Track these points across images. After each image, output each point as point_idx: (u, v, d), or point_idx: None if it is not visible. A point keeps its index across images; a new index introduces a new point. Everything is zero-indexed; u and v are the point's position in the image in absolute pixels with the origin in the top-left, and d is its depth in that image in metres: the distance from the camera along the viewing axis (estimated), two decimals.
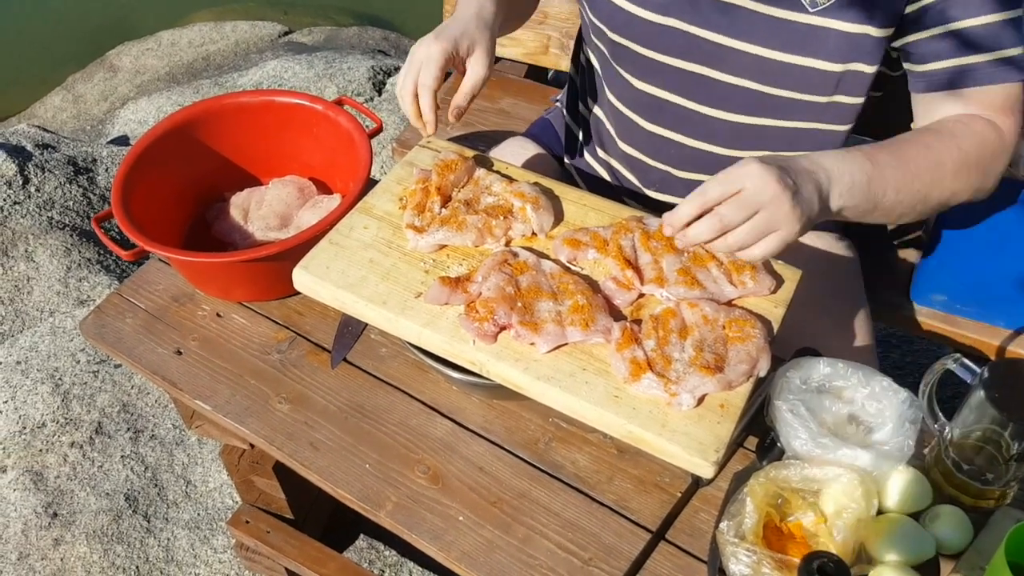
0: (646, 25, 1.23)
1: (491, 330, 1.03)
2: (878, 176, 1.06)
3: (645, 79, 1.29)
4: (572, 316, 1.04)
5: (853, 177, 1.05)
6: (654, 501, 1.09)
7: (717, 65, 1.21)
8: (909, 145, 1.10)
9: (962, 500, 1.04)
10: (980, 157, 1.11)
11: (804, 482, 0.99)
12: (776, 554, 0.93)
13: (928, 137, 1.12)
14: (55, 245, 2.55)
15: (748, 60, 1.19)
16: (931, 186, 1.10)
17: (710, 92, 1.24)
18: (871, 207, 1.08)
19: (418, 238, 1.13)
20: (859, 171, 1.05)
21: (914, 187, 1.09)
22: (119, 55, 4.03)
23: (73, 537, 1.93)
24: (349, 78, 3.31)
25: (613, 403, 0.99)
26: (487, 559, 1.05)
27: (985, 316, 1.55)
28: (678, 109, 1.28)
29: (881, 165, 1.06)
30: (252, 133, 1.49)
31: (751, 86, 1.21)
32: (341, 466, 1.14)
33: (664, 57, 1.24)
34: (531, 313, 1.05)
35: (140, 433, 2.12)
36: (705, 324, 1.05)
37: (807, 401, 1.03)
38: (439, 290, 1.07)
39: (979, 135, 1.11)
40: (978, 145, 1.11)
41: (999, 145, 1.13)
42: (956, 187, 1.12)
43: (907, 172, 1.08)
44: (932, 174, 1.09)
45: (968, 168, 1.11)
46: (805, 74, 1.17)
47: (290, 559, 1.62)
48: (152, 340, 1.31)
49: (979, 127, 1.12)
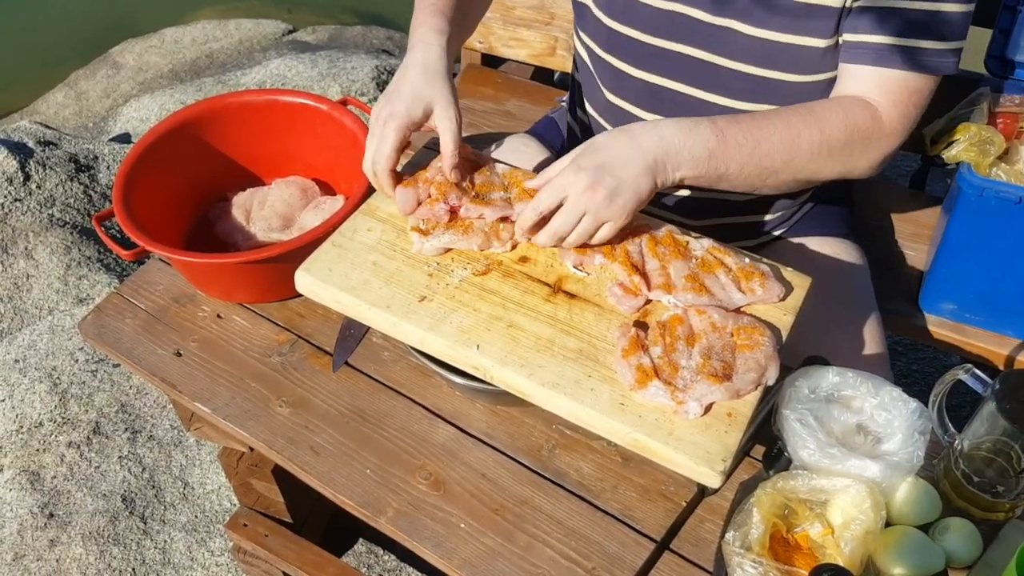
0: (646, 10, 1.23)
1: (442, 210, 1.10)
2: (721, 151, 1.07)
3: (643, 67, 1.28)
4: (521, 196, 1.14)
5: (693, 152, 1.06)
6: (659, 510, 1.08)
7: (717, 49, 1.21)
8: (769, 122, 1.10)
9: (972, 512, 1.02)
10: (847, 143, 1.12)
11: (811, 493, 0.98)
12: (783, 566, 0.92)
13: (793, 116, 1.12)
14: (55, 243, 2.54)
15: (748, 43, 1.18)
16: (783, 164, 1.11)
17: (710, 78, 1.24)
18: (714, 178, 1.10)
19: (423, 241, 1.12)
20: (701, 146, 1.06)
21: (762, 164, 1.10)
22: (122, 52, 4.02)
23: (69, 538, 1.92)
24: (353, 77, 3.30)
25: (619, 411, 0.98)
26: (488, 567, 1.03)
27: (994, 325, 1.53)
28: (677, 96, 1.28)
29: (728, 141, 1.07)
30: (255, 133, 1.48)
31: (751, 70, 1.21)
32: (342, 471, 1.13)
33: (665, 42, 1.24)
34: (483, 198, 1.14)
35: (138, 434, 2.10)
36: (713, 331, 1.04)
37: (815, 410, 1.01)
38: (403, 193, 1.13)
39: (852, 120, 1.12)
40: (847, 130, 1.11)
41: (874, 133, 1.13)
42: (814, 167, 1.13)
43: (756, 149, 1.09)
44: (785, 153, 1.10)
45: (829, 151, 1.12)
46: (801, 53, 1.17)
47: (288, 563, 1.60)
48: (151, 341, 1.29)
49: (856, 112, 1.12)
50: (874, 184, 1.79)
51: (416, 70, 1.14)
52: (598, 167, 1.04)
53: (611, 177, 1.04)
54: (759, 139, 1.09)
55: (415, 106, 1.12)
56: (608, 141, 1.07)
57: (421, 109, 1.12)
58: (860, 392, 1.03)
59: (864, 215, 1.70)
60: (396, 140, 1.12)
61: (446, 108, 1.13)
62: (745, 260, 1.11)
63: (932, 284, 1.54)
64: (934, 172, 1.79)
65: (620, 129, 1.08)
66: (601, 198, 1.04)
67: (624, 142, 1.06)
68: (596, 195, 1.03)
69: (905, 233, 1.71)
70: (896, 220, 1.73)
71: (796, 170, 1.12)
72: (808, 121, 1.11)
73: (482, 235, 1.12)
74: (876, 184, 1.80)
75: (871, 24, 1.11)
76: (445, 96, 1.13)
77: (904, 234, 1.71)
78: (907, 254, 1.67)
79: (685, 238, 1.13)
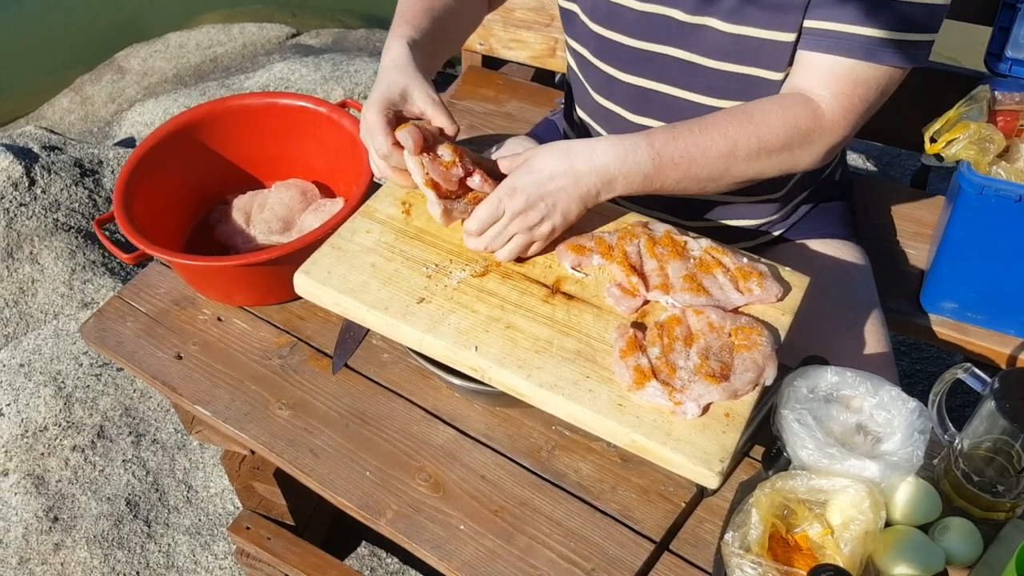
0: (628, 13, 1.23)
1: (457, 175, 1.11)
2: (656, 173, 1.10)
3: (630, 70, 1.28)
4: None
5: (628, 179, 1.09)
6: (658, 511, 1.08)
7: (696, 48, 1.21)
8: (707, 135, 1.11)
9: (972, 512, 1.02)
10: (786, 144, 1.12)
11: (811, 493, 0.97)
12: (782, 566, 0.91)
13: (731, 125, 1.12)
14: (60, 247, 2.55)
15: (724, 40, 1.18)
16: (720, 173, 1.13)
17: (693, 78, 1.24)
18: (649, 192, 1.13)
19: (437, 204, 1.11)
20: (637, 171, 1.09)
21: (699, 176, 1.12)
22: (127, 57, 4.03)
23: (74, 542, 1.92)
24: (356, 80, 3.30)
25: (617, 411, 0.97)
26: (488, 569, 1.03)
27: (996, 324, 1.53)
28: (664, 98, 1.28)
29: (664, 163, 1.09)
30: (255, 136, 1.48)
31: (730, 68, 1.20)
32: (341, 473, 1.13)
33: (649, 45, 1.24)
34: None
35: (142, 437, 2.11)
36: (711, 331, 1.03)
37: (814, 410, 1.01)
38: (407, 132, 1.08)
39: (791, 121, 1.12)
40: (786, 132, 1.11)
41: (815, 130, 1.12)
42: (753, 171, 1.14)
43: (691, 166, 1.10)
44: (722, 164, 1.12)
45: (768, 154, 1.12)
46: (776, 48, 1.16)
47: (291, 566, 1.61)
48: (152, 344, 1.30)
49: (797, 111, 1.12)
50: (875, 183, 1.79)
51: (385, 69, 1.16)
52: (533, 192, 1.08)
53: (544, 203, 1.08)
54: (695, 156, 1.10)
55: (390, 90, 1.12)
56: (545, 163, 1.09)
57: (397, 92, 1.12)
58: (859, 392, 1.03)
59: (865, 214, 1.70)
60: (382, 124, 1.09)
61: (425, 91, 1.12)
62: (743, 260, 1.11)
63: (933, 283, 1.54)
64: (935, 171, 1.78)
65: (559, 149, 1.10)
66: (531, 221, 1.08)
67: (560, 167, 1.08)
68: (527, 219, 1.08)
69: (906, 232, 1.71)
70: (897, 219, 1.73)
71: (734, 176, 1.14)
72: (746, 128, 1.11)
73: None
74: (877, 183, 1.80)
75: (828, 11, 1.10)
76: (417, 78, 1.13)
77: (905, 233, 1.71)
78: (908, 253, 1.67)
79: (683, 238, 1.13)
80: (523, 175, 1.09)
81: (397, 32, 1.19)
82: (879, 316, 1.37)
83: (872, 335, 1.34)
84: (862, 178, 1.81)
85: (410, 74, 1.13)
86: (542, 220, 1.09)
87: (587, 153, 1.09)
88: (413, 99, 1.12)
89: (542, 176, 1.08)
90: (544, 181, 1.08)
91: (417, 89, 1.12)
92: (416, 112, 1.13)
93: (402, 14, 1.23)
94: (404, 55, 1.15)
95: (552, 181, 1.08)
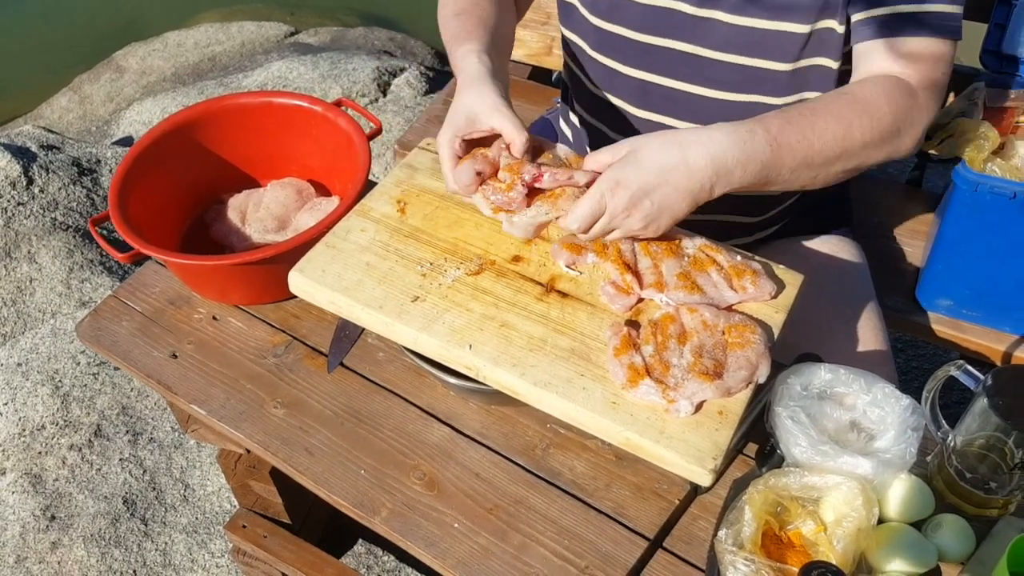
0: (633, 7, 1.22)
1: (520, 193, 1.06)
2: (774, 161, 1.03)
3: (634, 64, 1.28)
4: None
5: (746, 169, 1.02)
6: (652, 508, 1.08)
7: (702, 41, 1.21)
8: (821, 118, 1.07)
9: (965, 509, 1.02)
10: (894, 125, 1.09)
11: (804, 490, 0.97)
12: (775, 563, 0.92)
13: (842, 107, 1.08)
14: (58, 246, 2.55)
15: (731, 32, 1.18)
16: (835, 158, 1.08)
17: (697, 71, 1.24)
18: (764, 184, 1.06)
19: (510, 219, 1.09)
20: (756, 160, 1.02)
21: (814, 163, 1.06)
22: (126, 56, 4.03)
23: (71, 540, 1.93)
24: (354, 79, 3.30)
25: (610, 409, 0.98)
26: (482, 567, 1.04)
27: (991, 321, 1.53)
28: (667, 91, 1.27)
29: (782, 149, 1.03)
30: (251, 135, 1.48)
31: (736, 60, 1.20)
32: (336, 472, 1.13)
33: (653, 38, 1.24)
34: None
35: (139, 436, 2.11)
36: (704, 329, 1.04)
37: (808, 408, 1.01)
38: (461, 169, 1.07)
39: (894, 101, 1.09)
40: (893, 112, 1.08)
41: (913, 108, 1.10)
42: (864, 156, 1.10)
43: (809, 149, 1.05)
44: (838, 148, 1.07)
45: (881, 137, 1.08)
46: (783, 40, 1.16)
47: (287, 564, 1.61)
48: (148, 343, 1.30)
49: (895, 91, 1.09)
50: (871, 181, 1.79)
51: (461, 87, 1.12)
52: (640, 188, 1.00)
53: (651, 202, 1.01)
54: (811, 140, 1.05)
55: (455, 118, 1.09)
56: (655, 156, 1.01)
57: (463, 117, 1.09)
58: (853, 389, 1.03)
59: (861, 212, 1.70)
60: (449, 154, 1.08)
61: (496, 107, 1.08)
62: (737, 258, 1.11)
63: (929, 280, 1.54)
64: (931, 168, 1.78)
65: (668, 141, 1.02)
66: (636, 221, 1.02)
67: (671, 159, 1.01)
68: (632, 218, 1.02)
69: (902, 229, 1.71)
70: (893, 216, 1.73)
71: (847, 162, 1.09)
72: (855, 109, 1.07)
73: (574, 199, 1.06)
74: (873, 181, 1.80)
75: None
76: (492, 99, 1.09)
77: (901, 230, 1.71)
78: (905, 250, 1.67)
79: (677, 236, 1.13)
80: (629, 167, 1.01)
81: (463, 49, 1.15)
82: (877, 313, 1.37)
83: (870, 331, 1.34)
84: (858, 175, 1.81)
85: (482, 89, 1.09)
86: (646, 224, 1.03)
87: (702, 142, 1.01)
88: (480, 118, 1.09)
89: (650, 170, 1.01)
90: (652, 176, 1.00)
91: (485, 105, 1.08)
92: (486, 129, 1.09)
93: (457, 33, 1.19)
94: (474, 67, 1.11)
95: (661, 176, 1.00)
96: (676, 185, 1.01)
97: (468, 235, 1.16)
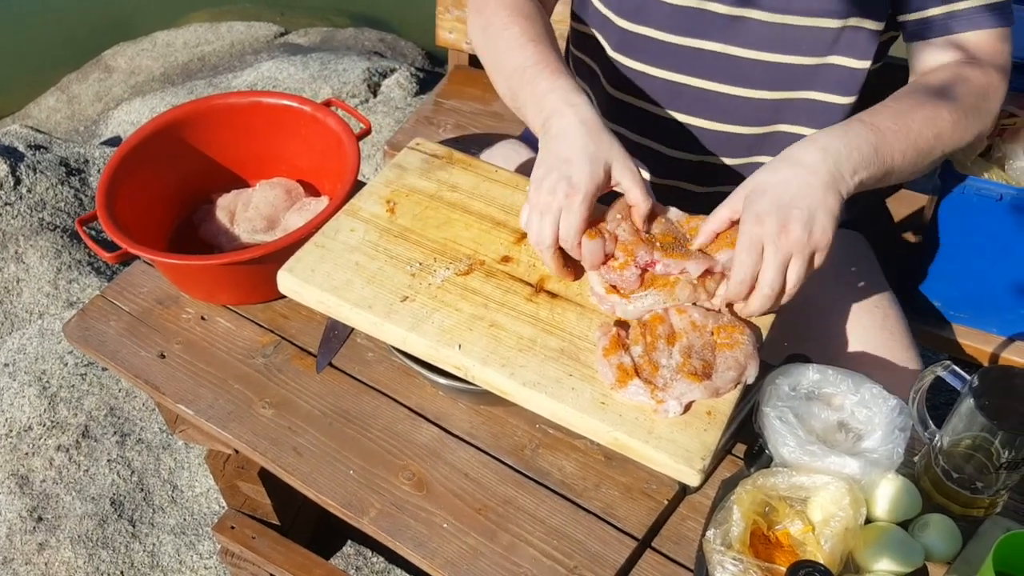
0: (662, 8, 1.22)
1: (634, 274, 1.04)
2: (882, 143, 1.03)
3: (662, 64, 1.27)
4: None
5: (860, 151, 1.02)
6: (641, 508, 1.08)
7: (735, 40, 1.21)
8: (906, 105, 1.09)
9: (952, 509, 1.03)
10: (976, 104, 1.11)
11: (792, 490, 0.98)
12: (763, 563, 0.92)
13: (923, 94, 1.10)
14: (45, 247, 2.54)
15: (765, 30, 1.19)
16: (933, 142, 1.08)
17: (728, 69, 1.24)
18: (883, 174, 1.06)
19: (625, 303, 1.06)
20: (864, 142, 1.02)
21: (918, 145, 1.07)
22: (114, 55, 4.01)
23: (58, 542, 1.92)
24: (344, 79, 3.30)
25: (599, 410, 0.98)
26: (471, 567, 1.04)
27: (979, 322, 1.54)
28: (697, 92, 1.27)
29: (884, 131, 1.04)
30: (240, 134, 1.48)
31: (768, 58, 1.21)
32: (324, 472, 1.13)
33: (682, 39, 1.24)
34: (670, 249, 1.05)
35: (127, 437, 2.10)
36: (693, 330, 1.04)
37: (796, 408, 1.02)
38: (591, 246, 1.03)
39: (971, 82, 1.12)
40: (972, 92, 1.11)
41: (990, 87, 1.13)
42: (956, 137, 1.11)
43: (910, 133, 1.06)
44: (933, 130, 1.08)
45: (967, 117, 1.10)
46: (816, 36, 1.17)
47: (276, 565, 1.60)
48: (135, 343, 1.29)
49: (970, 73, 1.12)
50: None
51: (577, 132, 1.04)
52: (780, 206, 0.98)
53: (798, 209, 0.98)
54: (906, 122, 1.06)
55: (596, 169, 1.02)
56: (771, 177, 1.01)
57: (602, 171, 1.03)
58: (840, 389, 1.04)
59: None
60: (586, 213, 1.02)
61: (625, 162, 1.04)
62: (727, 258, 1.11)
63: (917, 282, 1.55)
64: None
65: (773, 163, 1.02)
66: (799, 234, 0.97)
67: (788, 170, 1.00)
68: (792, 233, 0.97)
69: (894, 231, 1.72)
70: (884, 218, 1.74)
71: (944, 144, 1.09)
72: (939, 94, 1.09)
73: (689, 288, 1.05)
74: None
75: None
76: (620, 152, 1.05)
77: (893, 232, 1.71)
78: (895, 253, 1.68)
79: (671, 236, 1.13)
80: (757, 200, 1.00)
81: (560, 85, 1.08)
82: (895, 304, 1.34)
83: (893, 322, 1.31)
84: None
85: (607, 142, 1.05)
86: (808, 228, 0.98)
87: (802, 145, 1.02)
88: (616, 175, 1.05)
89: (777, 187, 0.99)
90: (780, 189, 0.99)
91: (620, 163, 1.04)
92: (612, 186, 1.06)
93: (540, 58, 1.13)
94: (592, 114, 1.06)
95: (787, 185, 0.99)
96: (808, 182, 0.99)
97: (457, 235, 1.16)
